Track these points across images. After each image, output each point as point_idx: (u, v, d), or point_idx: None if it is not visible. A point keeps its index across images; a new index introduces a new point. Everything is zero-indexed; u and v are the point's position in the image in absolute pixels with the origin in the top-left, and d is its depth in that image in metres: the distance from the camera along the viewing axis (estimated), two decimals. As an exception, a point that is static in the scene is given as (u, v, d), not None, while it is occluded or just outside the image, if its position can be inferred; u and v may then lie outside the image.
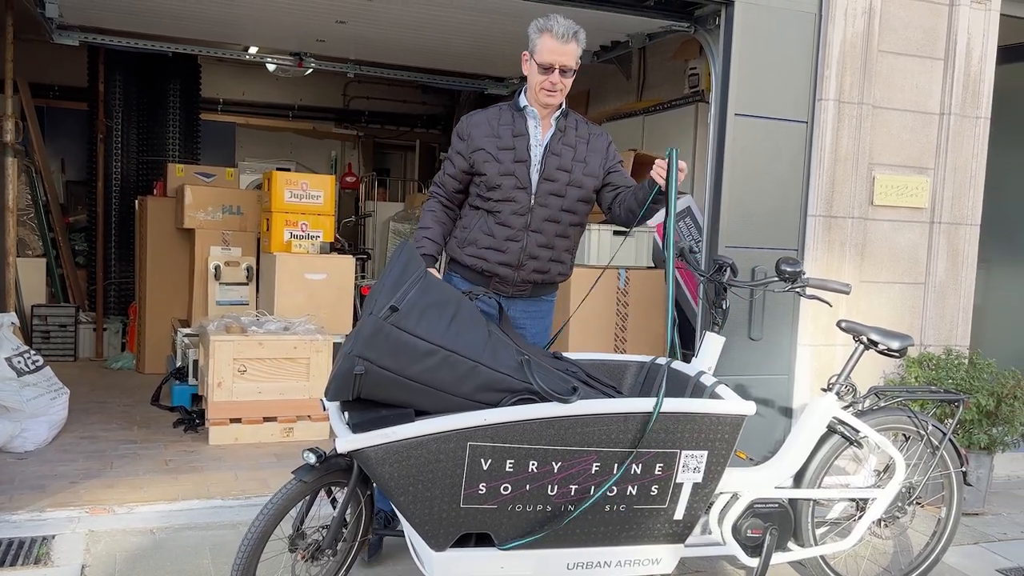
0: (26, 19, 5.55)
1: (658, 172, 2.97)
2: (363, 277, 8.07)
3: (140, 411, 5.61)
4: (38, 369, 4.74)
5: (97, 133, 7.82)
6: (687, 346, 5.54)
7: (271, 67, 7.32)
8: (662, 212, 5.70)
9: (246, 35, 6.38)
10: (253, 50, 6.82)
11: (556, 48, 3.08)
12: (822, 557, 3.35)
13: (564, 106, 3.26)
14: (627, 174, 3.35)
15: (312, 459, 2.64)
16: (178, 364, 5.87)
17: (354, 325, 6.02)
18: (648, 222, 5.52)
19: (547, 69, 3.09)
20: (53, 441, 4.76)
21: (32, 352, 4.81)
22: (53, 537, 3.49)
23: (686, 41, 5.91)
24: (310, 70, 7.18)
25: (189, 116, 8.31)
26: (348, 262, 5.86)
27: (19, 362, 4.63)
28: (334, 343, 5.28)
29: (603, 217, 5.77)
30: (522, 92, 3.24)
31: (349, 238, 9.07)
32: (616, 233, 5.23)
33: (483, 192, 3.18)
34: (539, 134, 3.21)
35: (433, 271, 3.00)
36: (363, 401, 2.55)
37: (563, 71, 3.12)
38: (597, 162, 3.26)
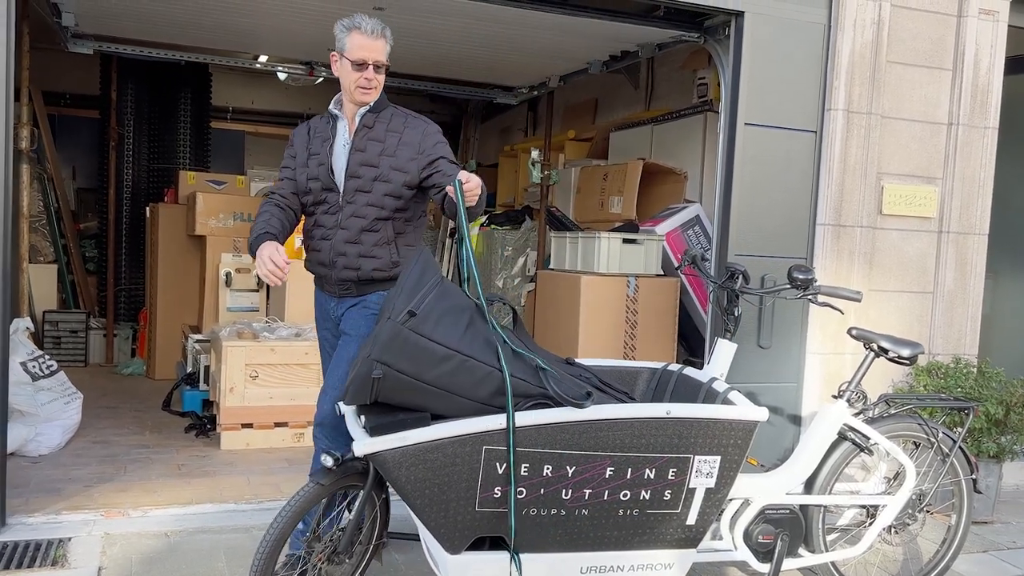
0: (41, 28, 5.61)
1: (451, 190, 2.78)
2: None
3: (151, 416, 5.65)
4: (52, 374, 4.78)
5: (109, 141, 7.89)
6: (696, 354, 5.57)
7: (282, 76, 7.37)
8: (673, 219, 5.73)
9: (258, 44, 6.43)
10: (263, 59, 6.87)
11: (367, 44, 3.09)
12: (832, 563, 3.37)
13: (379, 101, 3.21)
14: (458, 168, 3.06)
15: (329, 462, 2.67)
16: (189, 370, 5.91)
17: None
18: (657, 229, 5.58)
19: (360, 66, 3.09)
20: (67, 445, 4.80)
21: (46, 357, 4.85)
22: (69, 539, 3.52)
23: (695, 51, 5.95)
24: (320, 79, 7.24)
25: (200, 124, 8.38)
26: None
27: (34, 367, 4.67)
28: (345, 349, 5.31)
29: (613, 224, 5.85)
30: (333, 100, 3.25)
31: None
32: (626, 242, 5.26)
33: (302, 198, 3.24)
34: (347, 133, 3.20)
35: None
36: (380, 405, 2.58)
37: (376, 67, 3.12)
38: (407, 155, 3.13)
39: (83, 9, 5.22)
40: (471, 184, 2.72)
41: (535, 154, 7.16)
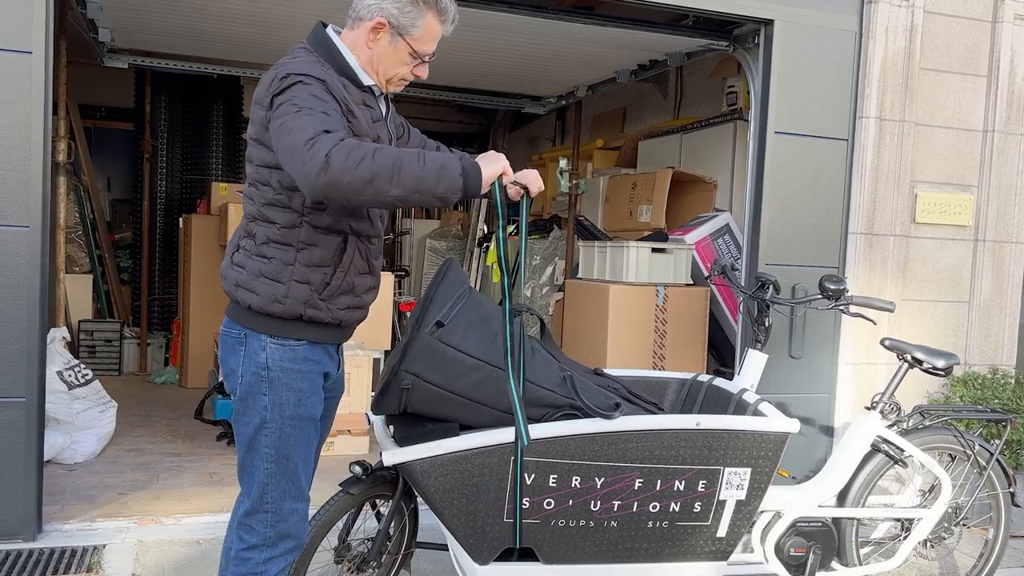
0: (77, 43, 5.73)
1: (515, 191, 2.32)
2: (400, 294, 8.15)
3: (184, 424, 5.71)
4: (87, 383, 4.85)
5: (143, 153, 8.01)
6: (726, 365, 5.53)
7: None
8: (702, 228, 5.70)
9: (289, 57, 6.51)
10: (294, 71, 6.95)
11: (440, 35, 2.35)
12: (866, 577, 3.32)
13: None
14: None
15: (359, 471, 2.68)
16: (220, 379, 5.97)
17: (393, 341, 6.10)
18: (686, 238, 5.55)
19: (420, 57, 2.31)
20: (101, 453, 4.87)
21: (82, 366, 4.93)
22: (104, 547, 3.56)
23: (724, 59, 5.93)
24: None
25: (231, 136, 8.49)
26: (386, 279, 5.93)
27: (69, 375, 4.74)
28: (373, 359, 5.35)
29: (642, 233, 5.83)
30: (346, 55, 2.27)
31: (387, 255, 9.17)
32: (655, 251, 5.24)
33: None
34: (382, 117, 2.40)
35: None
36: (409, 415, 2.59)
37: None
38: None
39: (119, 25, 5.33)
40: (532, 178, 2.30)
41: (563, 163, 7.14)
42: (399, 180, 1.95)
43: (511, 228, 8.05)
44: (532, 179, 2.38)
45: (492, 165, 2.17)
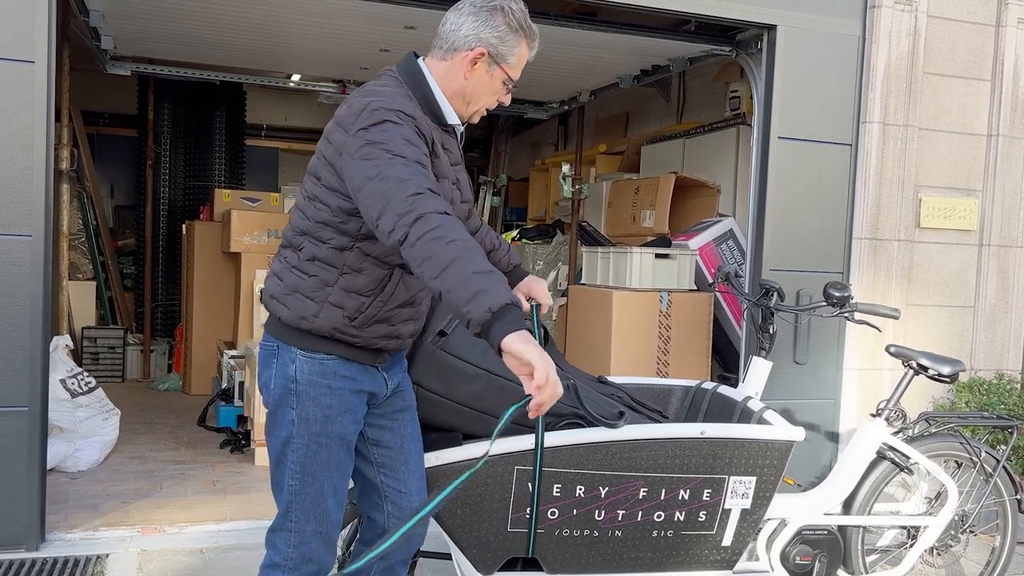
0: (80, 51, 5.74)
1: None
2: (404, 299, 8.13)
3: (187, 432, 5.71)
4: (91, 390, 4.85)
5: (146, 159, 8.03)
6: (731, 370, 5.51)
7: (324, 96, 7.44)
8: (706, 233, 5.68)
9: (291, 64, 6.52)
10: (296, 77, 6.96)
11: (527, 60, 2.32)
12: (873, 586, 3.30)
13: None
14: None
15: (362, 482, 2.66)
16: (224, 386, 5.97)
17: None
18: (690, 244, 5.54)
19: (511, 85, 2.29)
20: (104, 461, 4.86)
21: (85, 374, 4.93)
22: (107, 556, 3.55)
23: (727, 64, 5.92)
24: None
25: (234, 142, 8.50)
26: (390, 285, 5.92)
27: (73, 384, 4.74)
28: (377, 365, 5.33)
29: (646, 238, 5.81)
30: (435, 91, 2.21)
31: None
32: (658, 256, 5.23)
33: None
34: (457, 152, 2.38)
35: None
36: (412, 425, 2.58)
37: None
38: None
39: (121, 33, 5.33)
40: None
41: (566, 168, 7.16)
42: (443, 276, 1.80)
43: (513, 233, 8.05)
44: (542, 295, 2.48)
45: (523, 352, 1.77)
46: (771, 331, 3.25)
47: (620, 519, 2.66)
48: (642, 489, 2.64)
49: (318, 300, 2.12)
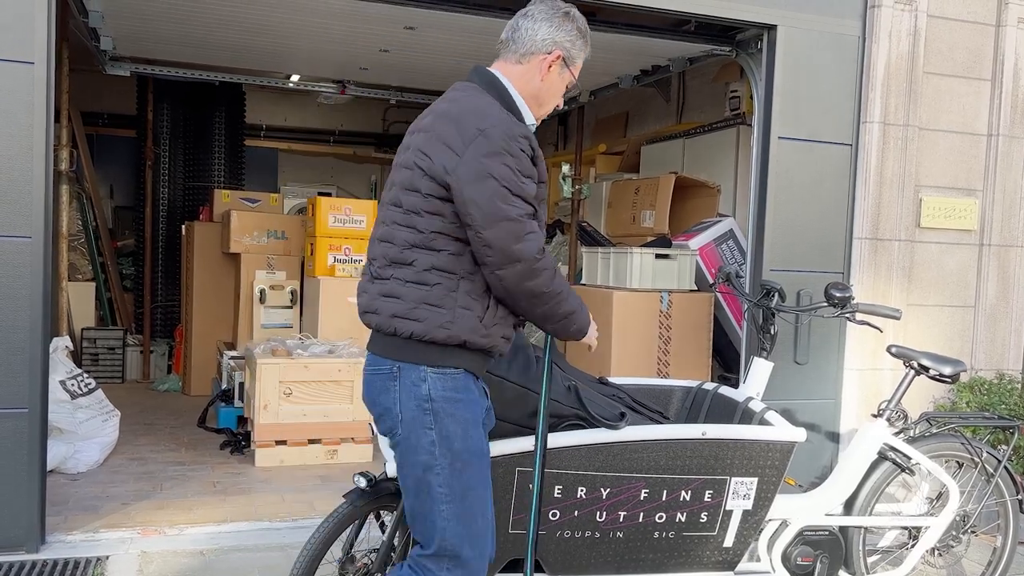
0: (79, 51, 5.73)
1: None
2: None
3: (187, 433, 5.70)
4: (90, 392, 4.84)
5: (145, 160, 8.02)
6: (731, 370, 5.51)
7: (323, 96, 7.45)
8: (706, 234, 5.67)
9: (292, 65, 6.52)
10: (295, 78, 6.96)
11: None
12: (874, 586, 3.30)
13: None
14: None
15: (363, 483, 2.66)
16: (224, 387, 5.96)
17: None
18: (690, 244, 5.54)
19: (571, 86, 2.47)
20: (104, 462, 4.85)
21: (85, 375, 4.92)
22: (107, 558, 3.55)
23: (727, 63, 5.92)
24: (352, 97, 7.31)
25: (234, 143, 8.49)
26: (390, 286, 5.92)
27: (72, 385, 4.74)
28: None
29: (646, 238, 5.81)
30: (513, 95, 2.30)
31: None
32: (659, 257, 5.22)
33: None
34: None
35: None
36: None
37: None
38: None
39: (120, 33, 5.33)
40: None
41: (566, 168, 7.16)
42: (549, 308, 2.20)
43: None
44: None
45: (590, 333, 2.38)
46: (772, 332, 3.25)
47: (621, 520, 2.66)
48: (643, 490, 2.64)
49: (447, 306, 2.13)
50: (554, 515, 2.60)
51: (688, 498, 2.69)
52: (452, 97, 2.27)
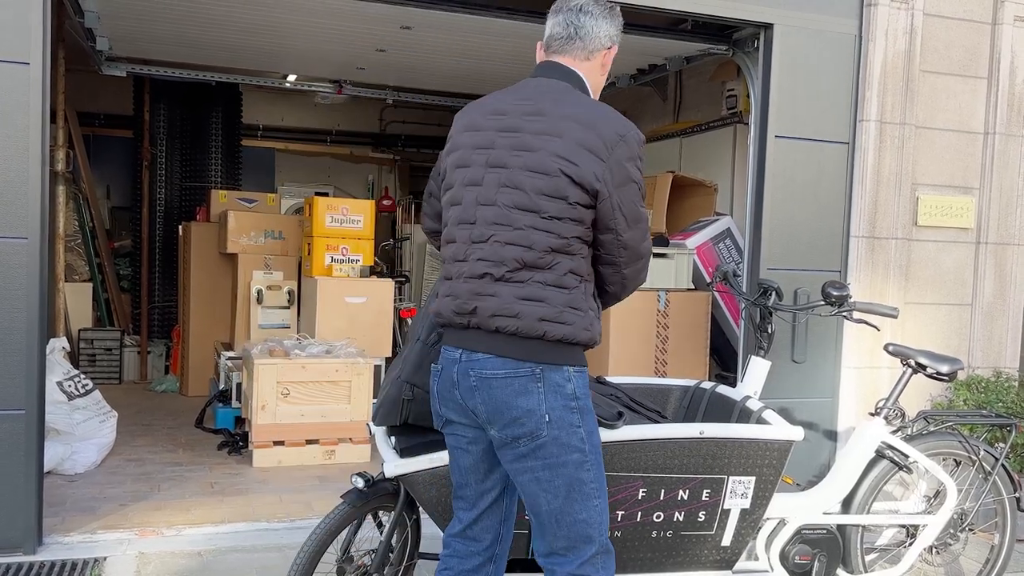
0: (75, 52, 5.72)
1: None
2: (401, 300, 8.13)
3: (184, 433, 5.69)
4: (88, 393, 4.84)
5: (142, 160, 8.01)
6: (729, 368, 5.51)
7: (320, 96, 7.45)
8: (703, 232, 5.67)
9: (289, 64, 6.52)
10: (292, 78, 6.95)
11: None
12: (872, 584, 3.30)
13: None
14: None
15: (361, 483, 2.66)
16: (221, 387, 5.96)
17: (394, 348, 6.09)
18: (687, 243, 5.54)
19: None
20: (102, 463, 4.85)
21: (82, 376, 4.91)
22: (105, 559, 3.54)
23: (724, 62, 5.91)
24: (349, 97, 7.31)
25: (230, 143, 8.48)
26: (387, 285, 5.92)
27: (69, 386, 4.73)
28: (375, 366, 5.33)
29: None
30: (590, 91, 2.42)
31: (387, 261, 9.15)
32: (656, 255, 5.22)
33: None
34: None
35: None
36: (410, 427, 2.58)
37: None
38: None
39: (117, 33, 5.32)
40: None
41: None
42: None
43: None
44: None
45: None
46: (769, 330, 3.25)
47: (619, 520, 2.65)
48: (641, 490, 2.64)
49: (585, 308, 2.21)
50: (552, 515, 2.59)
51: (686, 497, 2.69)
52: (563, 99, 2.25)
